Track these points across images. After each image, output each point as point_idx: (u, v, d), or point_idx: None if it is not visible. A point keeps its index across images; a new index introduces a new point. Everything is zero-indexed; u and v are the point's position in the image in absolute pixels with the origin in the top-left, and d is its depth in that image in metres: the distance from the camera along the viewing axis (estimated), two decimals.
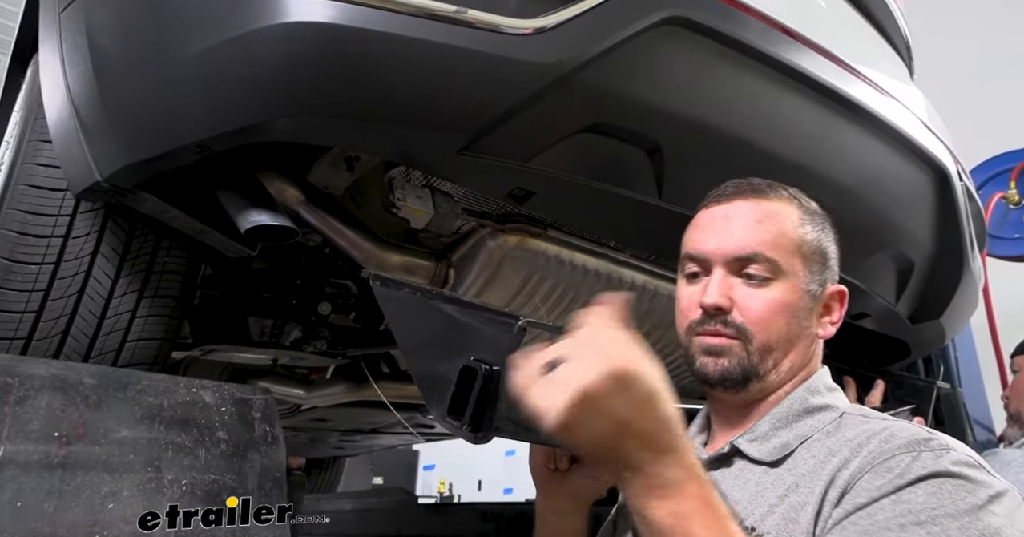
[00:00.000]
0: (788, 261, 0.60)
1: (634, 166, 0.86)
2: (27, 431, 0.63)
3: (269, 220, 0.78)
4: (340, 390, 1.44)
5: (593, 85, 0.74)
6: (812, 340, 0.62)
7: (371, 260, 0.97)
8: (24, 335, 0.77)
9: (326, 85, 0.68)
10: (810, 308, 0.61)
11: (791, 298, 0.59)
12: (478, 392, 0.49)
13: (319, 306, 1.23)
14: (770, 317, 0.59)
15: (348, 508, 2.50)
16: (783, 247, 0.60)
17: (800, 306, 0.60)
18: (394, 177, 1.02)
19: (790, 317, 0.59)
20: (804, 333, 0.60)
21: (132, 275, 0.85)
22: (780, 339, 0.59)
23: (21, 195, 0.78)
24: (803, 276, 0.60)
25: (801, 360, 0.61)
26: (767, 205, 0.62)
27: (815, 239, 0.62)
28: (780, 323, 0.59)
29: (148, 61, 0.71)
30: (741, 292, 0.60)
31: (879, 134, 0.93)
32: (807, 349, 0.62)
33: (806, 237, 0.62)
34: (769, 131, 0.85)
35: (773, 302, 0.59)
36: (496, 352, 0.49)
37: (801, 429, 0.58)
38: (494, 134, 0.75)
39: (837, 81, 0.87)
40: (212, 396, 0.80)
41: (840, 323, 0.63)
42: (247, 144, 0.73)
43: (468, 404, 0.49)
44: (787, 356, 0.60)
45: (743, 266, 0.60)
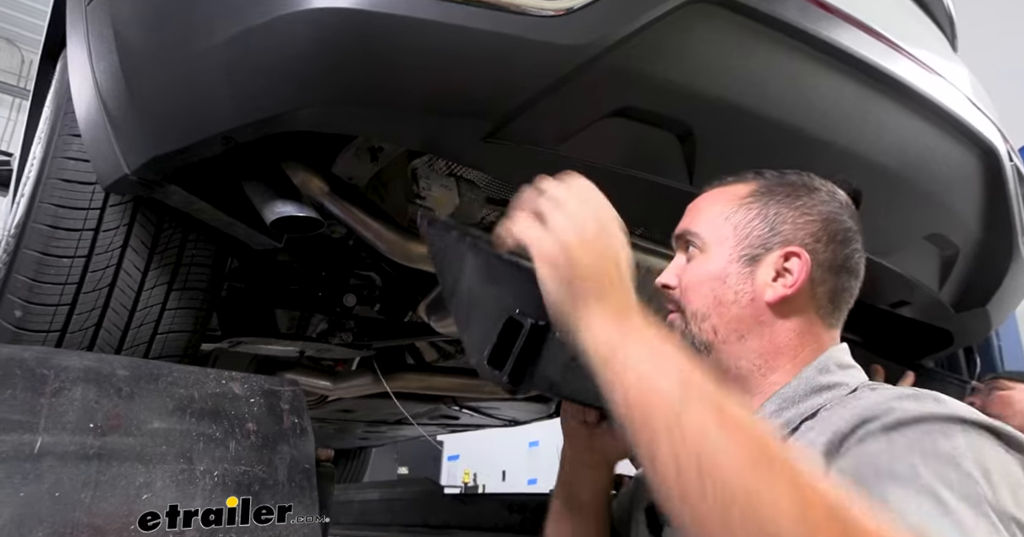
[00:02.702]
0: (715, 232, 0.62)
1: (664, 151, 0.83)
2: (63, 422, 0.63)
3: (295, 211, 0.77)
4: (367, 381, 1.45)
5: (623, 67, 0.72)
6: (762, 309, 0.59)
7: (395, 250, 0.96)
8: (59, 328, 0.78)
9: (350, 72, 0.67)
10: (745, 272, 0.60)
11: (717, 266, 0.61)
12: (521, 346, 0.49)
13: (344, 298, 1.23)
14: (695, 285, 0.62)
15: (375, 498, 2.53)
16: (710, 221, 0.63)
17: (729, 272, 0.60)
18: (417, 167, 1.01)
19: (716, 283, 0.61)
20: (739, 298, 0.60)
21: (161, 268, 0.86)
22: (709, 304, 0.61)
23: (52, 189, 0.78)
24: (732, 243, 0.61)
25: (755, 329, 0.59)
26: (719, 189, 0.66)
27: (758, 206, 0.62)
28: (705, 289, 0.61)
29: (173, 52, 0.71)
30: (683, 269, 0.64)
31: (923, 113, 0.88)
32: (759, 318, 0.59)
33: (742, 208, 0.62)
34: (807, 112, 0.81)
35: (698, 271, 0.62)
36: (543, 308, 0.49)
37: (806, 408, 0.56)
38: (520, 120, 0.73)
39: (878, 57, 0.83)
40: (241, 388, 0.81)
41: (800, 284, 0.59)
42: (272, 135, 0.73)
43: (510, 356, 0.49)
44: (727, 322, 0.60)
45: (685, 246, 0.65)
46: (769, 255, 0.60)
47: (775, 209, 0.62)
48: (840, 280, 0.61)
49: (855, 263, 0.62)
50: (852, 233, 0.62)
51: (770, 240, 0.61)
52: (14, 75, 6.73)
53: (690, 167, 0.84)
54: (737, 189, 0.65)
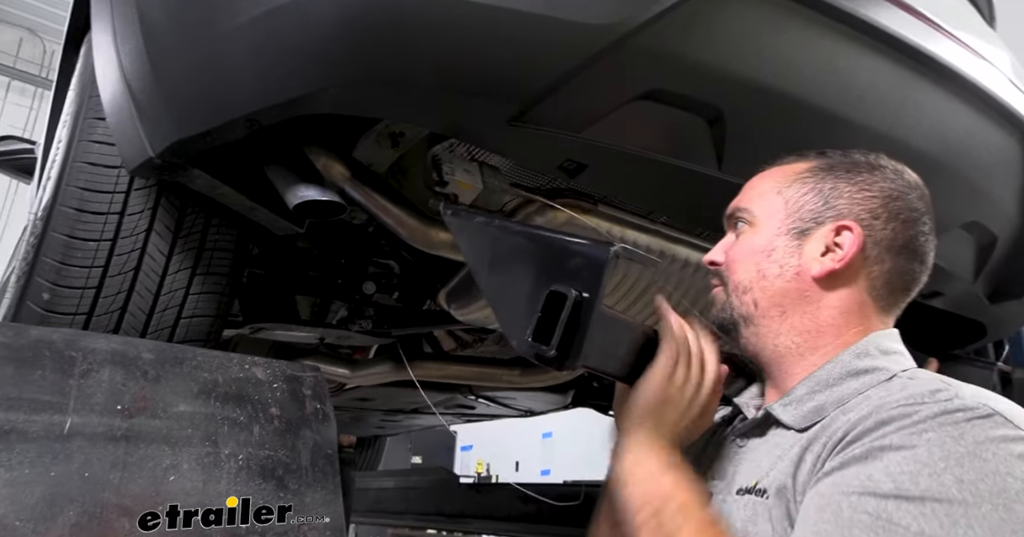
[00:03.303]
0: (765, 207, 0.62)
1: (693, 136, 0.81)
2: (91, 404, 0.64)
3: (317, 195, 0.77)
4: (385, 369, 1.45)
5: (653, 48, 0.70)
6: (807, 284, 0.57)
7: (417, 237, 0.95)
8: (85, 311, 0.79)
9: (376, 51, 0.66)
10: (792, 246, 0.59)
11: (764, 239, 0.60)
12: (567, 318, 0.49)
13: (364, 285, 1.23)
14: (740, 258, 0.61)
15: (391, 486, 2.55)
16: (761, 196, 0.63)
17: (776, 245, 0.60)
18: (438, 153, 0.99)
19: (761, 256, 0.60)
20: (784, 272, 0.58)
21: (184, 252, 0.86)
22: (752, 277, 0.60)
23: (79, 172, 0.78)
24: (782, 217, 0.60)
25: (799, 305, 0.58)
26: (777, 167, 0.65)
27: (814, 180, 0.61)
28: (749, 263, 0.60)
29: (197, 32, 0.70)
30: (731, 245, 0.64)
31: (964, 95, 0.85)
32: (804, 293, 0.57)
33: (796, 182, 0.61)
34: (842, 95, 0.78)
35: (744, 245, 0.62)
36: (588, 278, 0.49)
37: (840, 393, 0.54)
38: (546, 102, 0.71)
39: (918, 37, 0.80)
40: (264, 373, 0.81)
41: (849, 258, 0.56)
42: (295, 118, 0.72)
43: (555, 330, 0.49)
44: (769, 296, 0.59)
45: (734, 224, 0.65)
46: (820, 229, 0.58)
47: (831, 184, 0.60)
48: (900, 262, 0.58)
49: (920, 246, 0.59)
50: (918, 214, 0.59)
51: (822, 214, 0.59)
52: (36, 65, 6.82)
53: (719, 152, 0.82)
54: (795, 166, 0.63)
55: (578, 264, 0.51)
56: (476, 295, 1.08)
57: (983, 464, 0.41)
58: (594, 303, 0.50)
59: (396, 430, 3.03)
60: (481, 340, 1.51)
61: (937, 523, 0.39)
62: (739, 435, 0.62)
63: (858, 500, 0.43)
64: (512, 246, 0.58)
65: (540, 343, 0.51)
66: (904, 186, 0.60)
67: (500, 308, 0.58)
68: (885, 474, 0.43)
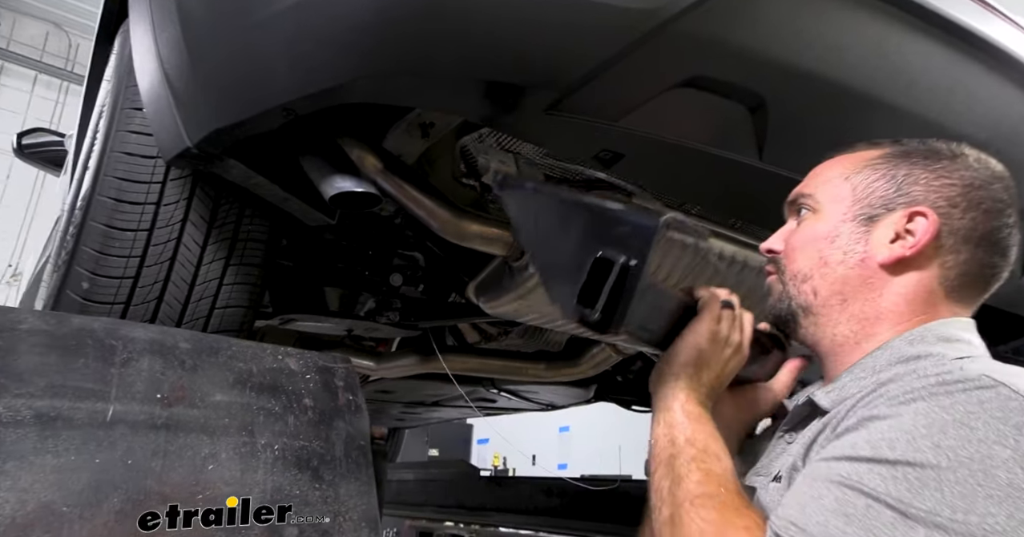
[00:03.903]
0: (831, 193, 0.59)
1: (734, 124, 0.79)
2: (132, 392, 0.64)
3: (354, 186, 0.76)
4: (411, 362, 1.45)
5: (696, 33, 0.68)
6: (872, 270, 0.55)
7: (448, 229, 0.95)
8: (123, 300, 0.79)
9: (413, 39, 0.65)
10: (859, 232, 0.56)
11: (828, 226, 0.58)
12: (613, 283, 0.50)
13: (391, 277, 1.23)
14: (800, 246, 0.59)
15: (410, 478, 2.57)
16: (827, 182, 0.60)
17: (841, 231, 0.57)
18: (467, 144, 0.98)
19: (824, 243, 0.57)
20: (847, 259, 0.56)
21: (219, 243, 0.86)
22: (812, 265, 0.57)
23: (116, 162, 0.79)
24: (849, 203, 0.57)
25: (860, 292, 0.55)
26: (846, 153, 0.62)
27: (886, 167, 0.58)
28: (811, 250, 0.58)
29: (233, 21, 0.70)
30: (791, 233, 0.62)
31: (1019, 80, 0.82)
32: (868, 280, 0.55)
33: (866, 168, 0.58)
34: (890, 81, 0.76)
35: (805, 232, 0.59)
36: (636, 246, 0.51)
37: (883, 377, 0.50)
38: (583, 90, 0.69)
39: (971, 19, 0.77)
40: (297, 363, 0.81)
41: (921, 246, 0.53)
42: (329, 108, 0.71)
43: (600, 295, 0.51)
44: (830, 283, 0.56)
45: (796, 211, 0.62)
46: (890, 215, 0.56)
47: (906, 170, 0.57)
48: (978, 254, 0.54)
49: (1003, 239, 0.55)
50: (1003, 205, 0.55)
51: (894, 200, 0.56)
52: (62, 59, 6.93)
53: (760, 141, 0.80)
54: (866, 153, 0.60)
55: (627, 232, 0.52)
56: (506, 288, 1.07)
57: (969, 432, 0.39)
58: (641, 271, 0.51)
59: (415, 423, 3.04)
60: (506, 333, 1.50)
61: (905, 486, 0.38)
62: (786, 430, 0.60)
63: (836, 464, 0.43)
64: (562, 212, 0.60)
65: (584, 307, 0.52)
66: (988, 176, 0.56)
67: (547, 272, 0.60)
68: (866, 441, 0.42)
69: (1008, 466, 0.36)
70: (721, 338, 0.59)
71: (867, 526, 0.37)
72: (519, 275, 1.04)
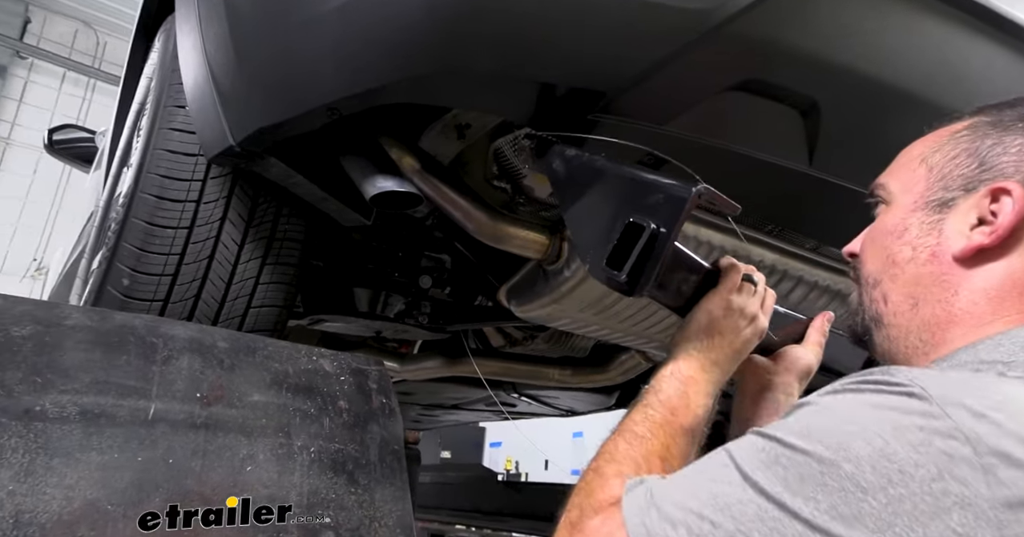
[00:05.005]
0: (906, 179, 0.51)
1: (784, 129, 0.77)
2: (173, 391, 0.64)
3: (395, 186, 0.76)
4: (435, 365, 1.44)
5: (752, 35, 0.66)
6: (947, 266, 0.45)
7: (484, 231, 0.94)
8: (162, 297, 0.79)
9: (461, 40, 0.64)
10: (930, 222, 0.47)
11: (896, 218, 0.50)
12: (642, 248, 0.52)
13: (420, 279, 1.22)
14: (870, 245, 0.52)
15: (426, 481, 2.56)
16: (904, 167, 0.52)
17: (909, 224, 0.48)
18: (501, 146, 0.97)
19: (891, 239, 0.49)
20: (917, 255, 0.47)
21: (256, 242, 0.86)
22: (880, 267, 0.50)
23: (159, 160, 0.79)
24: (922, 189, 0.49)
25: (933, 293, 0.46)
26: (936, 129, 0.52)
27: (970, 138, 0.48)
28: (879, 249, 0.50)
29: (281, 19, 0.70)
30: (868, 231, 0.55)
31: None
32: (942, 277, 0.45)
33: (948, 143, 0.49)
34: (953, 87, 0.73)
35: (876, 228, 0.53)
36: (668, 214, 0.52)
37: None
38: (631, 93, 0.68)
39: None
40: (331, 365, 0.80)
41: (1005, 230, 0.44)
42: (374, 107, 0.70)
43: (629, 258, 0.52)
44: (900, 286, 0.48)
45: (876, 205, 0.55)
46: (969, 197, 0.46)
47: (993, 139, 0.46)
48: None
49: None
50: None
51: (975, 178, 0.46)
52: (90, 57, 7.05)
53: (811, 145, 0.78)
54: (955, 125, 0.50)
55: (659, 199, 0.53)
56: (540, 292, 1.06)
57: (842, 424, 0.36)
58: (669, 236, 0.52)
59: (432, 425, 3.04)
60: (532, 338, 1.49)
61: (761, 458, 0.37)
62: None
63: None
64: (598, 177, 0.61)
65: (612, 269, 0.53)
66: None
67: (579, 233, 0.61)
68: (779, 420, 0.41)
69: (858, 462, 0.33)
70: (736, 308, 0.58)
71: (712, 477, 0.38)
72: (554, 279, 1.02)
